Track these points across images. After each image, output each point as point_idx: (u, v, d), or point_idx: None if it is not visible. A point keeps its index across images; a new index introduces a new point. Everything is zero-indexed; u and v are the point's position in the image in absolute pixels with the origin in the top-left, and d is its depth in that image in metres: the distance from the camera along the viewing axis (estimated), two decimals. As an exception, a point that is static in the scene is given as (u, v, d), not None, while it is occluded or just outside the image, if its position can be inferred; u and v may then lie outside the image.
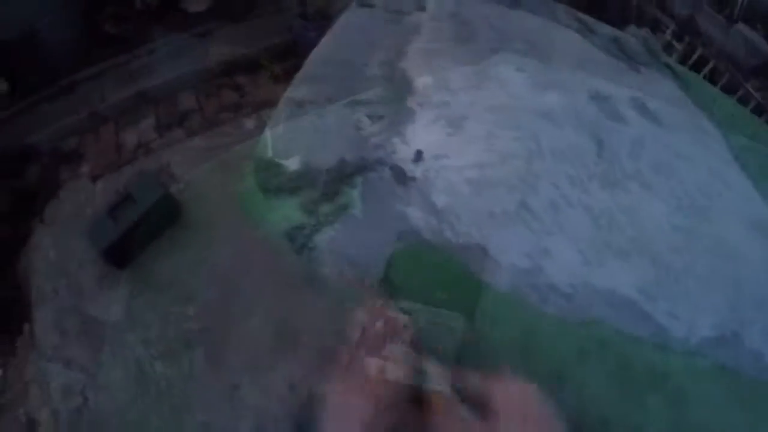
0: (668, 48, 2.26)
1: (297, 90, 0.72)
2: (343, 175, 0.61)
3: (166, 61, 3.53)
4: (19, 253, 2.76)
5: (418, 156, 0.64)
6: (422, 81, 0.75)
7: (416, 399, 0.51)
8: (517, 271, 0.60)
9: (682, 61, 2.13)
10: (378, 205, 0.61)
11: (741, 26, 2.16)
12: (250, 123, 3.14)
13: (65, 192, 2.97)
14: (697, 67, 2.13)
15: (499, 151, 0.68)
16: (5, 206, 2.81)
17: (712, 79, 2.08)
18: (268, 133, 0.68)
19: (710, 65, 2.16)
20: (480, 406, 0.49)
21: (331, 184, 0.60)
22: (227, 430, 2.24)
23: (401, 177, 0.62)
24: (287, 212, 0.62)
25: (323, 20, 2.97)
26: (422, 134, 0.68)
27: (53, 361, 2.37)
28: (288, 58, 3.47)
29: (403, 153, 0.66)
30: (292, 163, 0.64)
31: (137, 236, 2.65)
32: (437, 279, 0.58)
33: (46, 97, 3.32)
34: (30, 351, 2.44)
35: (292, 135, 0.67)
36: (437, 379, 0.52)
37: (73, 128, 3.21)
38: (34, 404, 2.30)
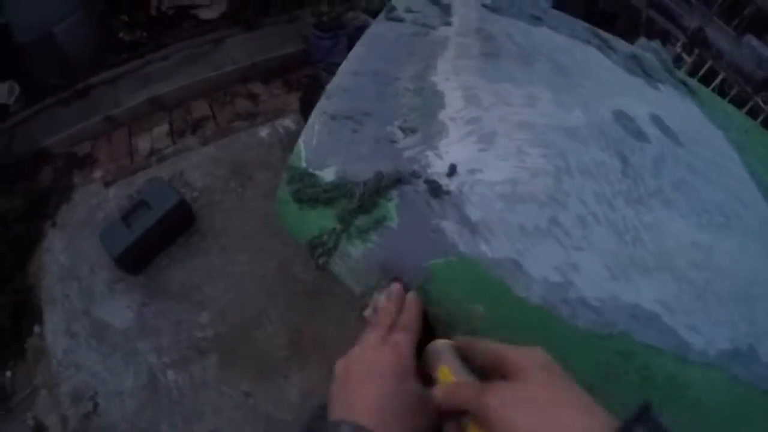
0: (678, 60, 2.28)
1: (329, 101, 0.73)
2: (379, 188, 0.62)
3: (179, 68, 3.57)
4: (30, 255, 2.78)
5: (452, 170, 0.66)
6: (453, 96, 0.77)
7: (424, 378, 0.52)
8: (549, 285, 0.62)
9: (692, 73, 2.15)
10: (414, 217, 0.62)
11: (750, 38, 2.17)
12: (263, 132, 3.16)
13: (78, 196, 3.01)
14: (707, 80, 2.15)
15: (529, 168, 0.70)
16: (18, 208, 2.84)
17: (722, 91, 2.10)
18: (301, 144, 0.69)
19: (720, 77, 2.18)
20: (491, 371, 0.49)
21: (368, 196, 0.62)
22: (237, 438, 2.22)
23: (436, 190, 0.63)
24: (323, 223, 0.63)
25: (337, 30, 3.02)
26: (455, 148, 0.69)
27: (63, 365, 2.38)
28: (301, 66, 3.51)
29: (437, 167, 0.67)
30: (328, 174, 0.65)
31: (151, 242, 2.70)
32: (475, 292, 0.59)
33: (61, 100, 3.36)
34: (39, 354, 2.45)
35: (326, 146, 0.68)
36: (446, 355, 0.52)
37: (87, 133, 3.25)
38: (43, 408, 2.31)
